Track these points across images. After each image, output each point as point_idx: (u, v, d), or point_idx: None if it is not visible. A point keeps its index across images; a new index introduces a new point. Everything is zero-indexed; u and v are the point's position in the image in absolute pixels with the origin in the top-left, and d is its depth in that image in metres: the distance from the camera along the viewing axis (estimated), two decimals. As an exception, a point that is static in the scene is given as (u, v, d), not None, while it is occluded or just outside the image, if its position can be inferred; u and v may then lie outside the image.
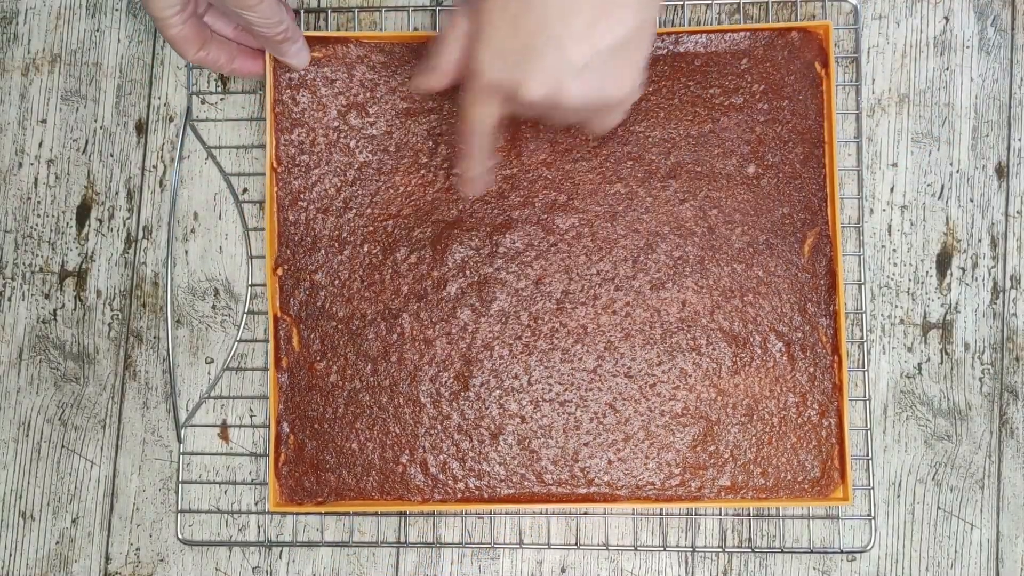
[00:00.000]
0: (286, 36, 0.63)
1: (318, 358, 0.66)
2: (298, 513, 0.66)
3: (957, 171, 0.68)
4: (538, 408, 0.65)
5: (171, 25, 0.61)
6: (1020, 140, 0.68)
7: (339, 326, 0.66)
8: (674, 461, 0.64)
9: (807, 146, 0.66)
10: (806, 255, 0.65)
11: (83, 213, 0.71)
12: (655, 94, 0.66)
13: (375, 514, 0.67)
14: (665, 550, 0.66)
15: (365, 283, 0.66)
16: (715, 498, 0.64)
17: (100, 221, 0.71)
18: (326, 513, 0.67)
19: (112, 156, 0.72)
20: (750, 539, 0.66)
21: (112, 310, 0.71)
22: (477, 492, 0.65)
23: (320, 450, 0.65)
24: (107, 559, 0.69)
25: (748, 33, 0.66)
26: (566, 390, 0.65)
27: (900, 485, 0.66)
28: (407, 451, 0.65)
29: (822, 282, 0.65)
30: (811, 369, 0.64)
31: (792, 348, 0.64)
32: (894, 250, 0.68)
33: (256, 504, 0.68)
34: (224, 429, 0.69)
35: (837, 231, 0.65)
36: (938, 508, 0.66)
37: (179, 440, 0.69)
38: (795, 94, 0.66)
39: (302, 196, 0.67)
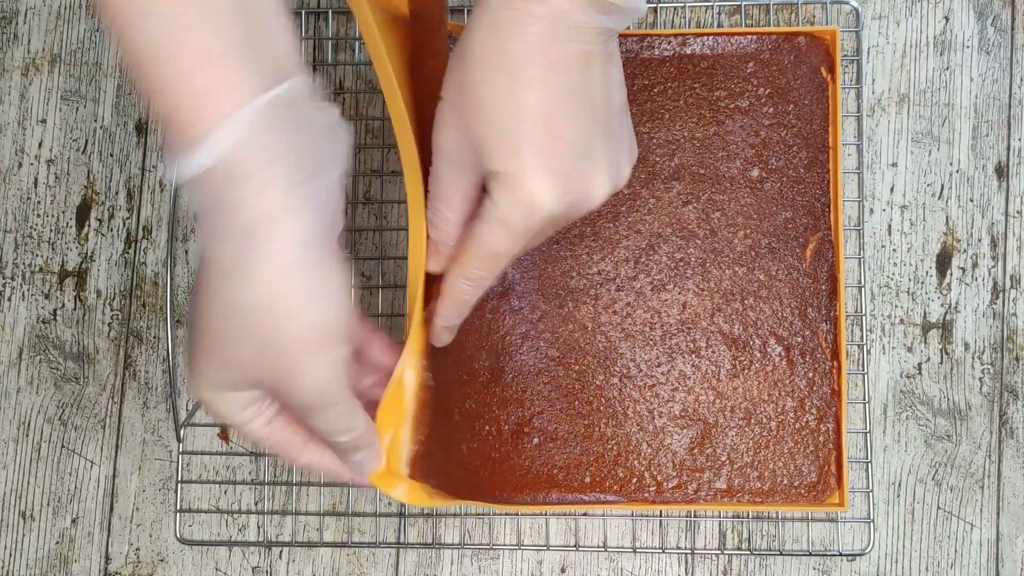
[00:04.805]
0: (352, 446, 0.49)
1: None
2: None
3: (957, 171, 0.68)
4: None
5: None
6: (1020, 140, 0.68)
7: None
8: (671, 463, 0.64)
9: (811, 151, 0.65)
10: (808, 260, 0.65)
11: (83, 213, 0.71)
12: (660, 95, 0.66)
13: (373, 514, 0.67)
14: (664, 551, 0.66)
15: None
16: (711, 501, 0.64)
17: (100, 221, 0.71)
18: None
19: (112, 156, 0.71)
20: (749, 540, 0.66)
21: (112, 310, 0.71)
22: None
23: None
24: (107, 559, 0.69)
25: (755, 36, 0.66)
26: (565, 390, 0.65)
27: (900, 485, 0.67)
28: None
29: (823, 287, 0.65)
30: (810, 374, 0.64)
31: (792, 352, 0.64)
32: (894, 250, 0.68)
33: (256, 504, 0.68)
34: (224, 429, 0.69)
35: (840, 236, 0.65)
36: (938, 508, 0.66)
37: (179, 440, 0.69)
38: (800, 99, 0.66)
39: None
